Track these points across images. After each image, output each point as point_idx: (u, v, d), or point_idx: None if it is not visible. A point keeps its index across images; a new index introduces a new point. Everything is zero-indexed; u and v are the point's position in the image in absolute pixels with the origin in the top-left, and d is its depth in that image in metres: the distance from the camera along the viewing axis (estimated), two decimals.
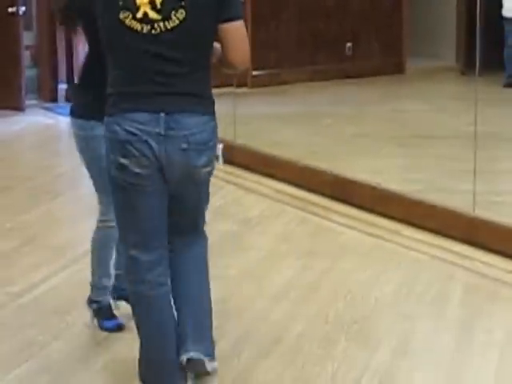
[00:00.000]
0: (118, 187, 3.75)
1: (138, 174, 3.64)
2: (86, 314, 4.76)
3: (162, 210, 3.77)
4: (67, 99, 10.85)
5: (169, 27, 3.56)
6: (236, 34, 3.65)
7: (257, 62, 10.91)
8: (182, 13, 3.55)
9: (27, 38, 11.08)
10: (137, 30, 3.57)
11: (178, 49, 3.62)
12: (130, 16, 3.56)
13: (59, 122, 10.18)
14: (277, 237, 6.21)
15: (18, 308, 4.97)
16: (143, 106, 3.62)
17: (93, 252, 4.70)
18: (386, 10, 11.92)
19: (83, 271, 5.20)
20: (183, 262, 3.96)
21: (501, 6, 10.89)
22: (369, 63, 11.75)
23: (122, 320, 4.64)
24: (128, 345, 4.40)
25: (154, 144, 3.59)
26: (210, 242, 5.85)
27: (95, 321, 4.70)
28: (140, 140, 3.59)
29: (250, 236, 6.24)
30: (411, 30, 12.11)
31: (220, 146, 7.90)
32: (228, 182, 7.51)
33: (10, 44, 10.51)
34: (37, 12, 11.28)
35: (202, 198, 3.91)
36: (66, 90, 10.96)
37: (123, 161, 3.62)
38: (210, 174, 3.79)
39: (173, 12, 3.55)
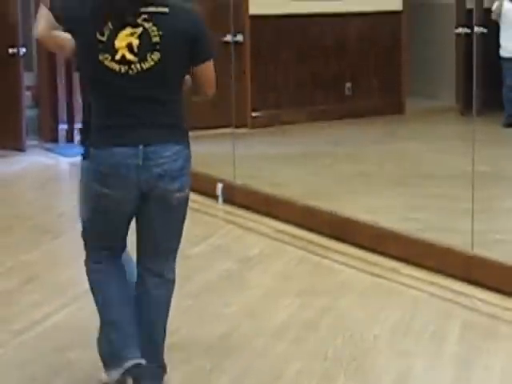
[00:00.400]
0: (91, 207, 4.20)
1: (116, 199, 4.06)
2: (87, 352, 4.76)
3: (128, 223, 4.25)
4: (68, 140, 10.94)
5: (144, 68, 3.96)
6: (209, 72, 4.13)
7: (256, 102, 11.07)
8: (156, 55, 3.96)
9: (28, 79, 11.11)
10: (115, 70, 3.94)
11: (153, 87, 4.01)
12: (109, 58, 3.94)
13: (60, 163, 10.20)
14: (276, 275, 6.22)
15: (19, 345, 5.00)
16: (123, 140, 4.02)
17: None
18: (385, 51, 11.94)
19: (84, 310, 5.30)
20: (149, 300, 4.30)
21: (499, 46, 10.98)
22: (368, 103, 11.75)
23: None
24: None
25: (133, 174, 3.99)
26: (209, 280, 6.00)
27: None
28: (121, 173, 4.01)
29: (249, 274, 6.26)
30: (410, 70, 12.13)
31: (220, 186, 7.98)
32: (228, 221, 7.52)
33: (10, 84, 10.49)
34: (37, 53, 11.28)
35: (173, 228, 4.26)
36: (67, 132, 11.01)
37: (105, 190, 4.03)
38: (183, 200, 4.17)
39: (148, 54, 3.95)
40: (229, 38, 9.08)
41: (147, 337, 4.26)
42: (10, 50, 10.31)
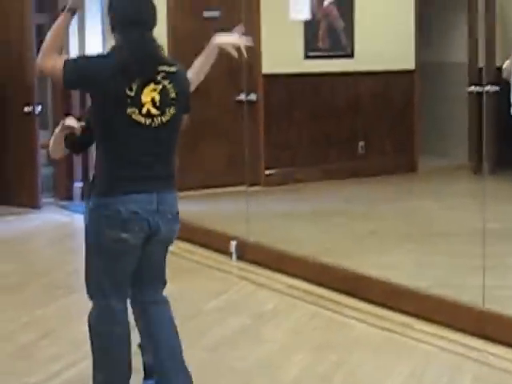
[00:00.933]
0: (106, 256, 4.41)
1: (132, 244, 4.38)
2: None
3: (132, 270, 4.52)
4: (83, 197, 11.07)
5: (164, 121, 4.34)
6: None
7: (270, 161, 11.05)
8: (173, 109, 4.37)
9: (43, 137, 10.90)
10: (141, 123, 4.28)
11: (165, 139, 4.44)
12: (137, 111, 4.26)
13: (74, 220, 10.18)
14: (289, 330, 6.23)
15: None
16: (141, 188, 4.33)
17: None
18: (397, 109, 11.95)
19: None
20: (163, 319, 4.67)
21: (510, 105, 11.03)
22: (381, 162, 11.74)
23: None
24: None
25: (150, 219, 4.36)
26: (224, 334, 6.07)
27: None
28: (141, 217, 4.34)
29: (263, 329, 6.25)
30: (423, 128, 12.12)
31: (233, 243, 8.00)
32: (241, 277, 7.53)
33: (26, 143, 10.53)
34: (52, 111, 11.42)
35: (165, 256, 4.69)
36: (82, 188, 11.11)
37: (124, 235, 4.30)
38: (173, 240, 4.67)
39: (167, 108, 4.34)
40: (242, 96, 9.12)
41: (177, 355, 4.64)
42: (26, 109, 10.36)
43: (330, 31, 11.50)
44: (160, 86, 4.33)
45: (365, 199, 10.47)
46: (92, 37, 10.78)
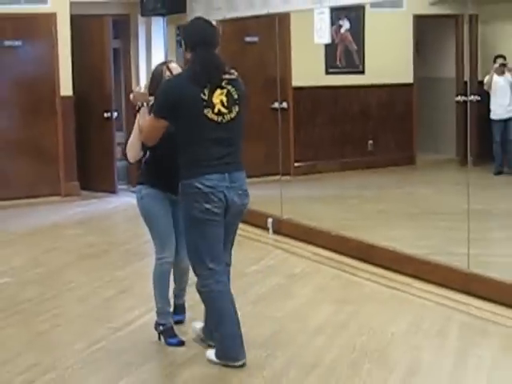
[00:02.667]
0: (198, 224, 4.44)
1: (215, 213, 4.43)
2: None
3: (222, 236, 4.53)
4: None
5: (231, 117, 4.43)
6: None
7: (298, 155, 11.00)
8: (236, 108, 4.45)
9: (119, 137, 11.11)
10: (214, 120, 4.37)
11: (234, 131, 4.48)
12: (210, 111, 4.36)
13: None
14: (315, 288, 6.25)
15: (116, 339, 5.09)
16: (215, 169, 4.39)
17: (154, 285, 4.94)
18: (399, 115, 11.87)
19: None
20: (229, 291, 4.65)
21: (489, 110, 10.99)
22: (386, 156, 11.67)
23: (182, 338, 4.92)
24: (202, 366, 4.56)
25: (225, 192, 4.42)
26: (263, 291, 6.05)
27: (162, 339, 4.92)
28: (218, 191, 4.40)
29: (294, 287, 6.27)
30: (420, 130, 12.05)
31: (270, 220, 8.00)
32: (276, 247, 7.53)
33: (105, 142, 10.58)
34: (125, 116, 11.42)
35: (235, 233, 4.76)
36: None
37: (207, 205, 4.36)
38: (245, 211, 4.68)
39: (233, 107, 4.43)
40: (276, 105, 9.14)
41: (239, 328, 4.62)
42: (105, 115, 10.41)
43: (345, 52, 11.48)
44: (225, 90, 4.44)
45: (374, 186, 10.41)
46: (157, 55, 10.85)
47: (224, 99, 4.43)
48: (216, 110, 4.41)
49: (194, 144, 4.42)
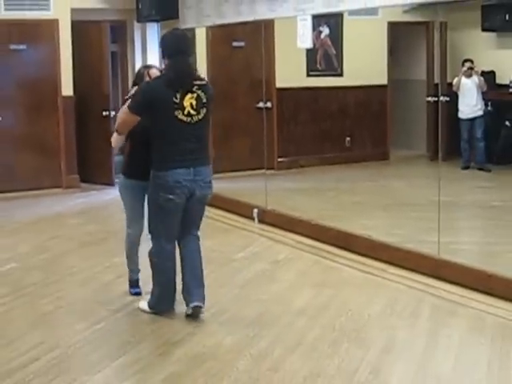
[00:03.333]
0: (160, 210, 4.80)
1: (177, 203, 4.76)
2: (167, 323, 4.95)
3: (179, 219, 4.88)
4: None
5: (199, 118, 4.65)
6: None
7: (281, 151, 10.92)
8: (204, 110, 4.68)
9: None
10: (183, 121, 4.58)
11: (201, 130, 4.73)
12: (181, 113, 4.57)
13: None
14: (297, 273, 6.25)
15: (115, 320, 5.10)
16: (182, 164, 4.69)
17: (125, 251, 5.59)
18: (374, 114, 11.82)
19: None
20: (191, 249, 5.00)
21: (457, 110, 11.00)
22: (362, 152, 11.65)
23: (140, 290, 5.51)
24: (194, 345, 4.57)
25: (188, 185, 4.73)
26: (249, 276, 6.07)
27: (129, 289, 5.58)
28: (182, 185, 4.71)
29: (278, 272, 6.28)
30: (393, 128, 11.98)
31: (255, 210, 7.98)
32: (262, 235, 7.53)
33: (103, 138, 10.26)
34: None
35: (202, 213, 5.06)
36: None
37: (170, 196, 4.65)
38: (208, 199, 4.97)
39: (201, 109, 4.65)
40: (261, 104, 9.11)
41: (199, 280, 4.97)
42: (104, 113, 10.36)
43: (325, 56, 11.43)
44: (195, 95, 4.66)
45: (350, 179, 10.41)
46: (151, 58, 10.83)
47: (194, 102, 4.67)
48: (186, 112, 4.65)
49: (164, 141, 4.67)
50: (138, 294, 5.55)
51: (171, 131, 4.66)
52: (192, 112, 4.67)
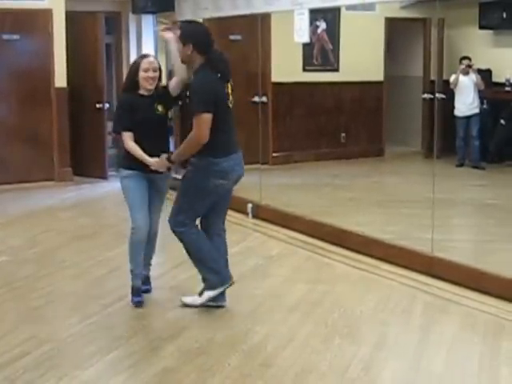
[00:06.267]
0: (204, 194, 4.93)
1: (227, 188, 5.03)
2: (159, 318, 4.98)
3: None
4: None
5: (232, 104, 4.94)
6: None
7: (276, 146, 10.99)
8: (231, 97, 4.92)
9: (109, 126, 10.69)
10: (230, 108, 4.93)
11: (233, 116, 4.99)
12: (229, 101, 4.90)
13: None
14: (291, 268, 6.26)
15: (107, 315, 5.09)
16: (235, 149, 4.96)
17: (129, 250, 5.28)
18: (370, 110, 11.88)
19: (154, 290, 5.48)
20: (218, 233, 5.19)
21: (453, 107, 11.04)
22: (357, 148, 11.71)
23: (143, 298, 5.25)
24: (186, 340, 4.59)
25: (239, 169, 4.99)
26: (243, 271, 6.06)
27: (131, 298, 5.27)
28: (234, 169, 4.93)
29: (271, 268, 6.31)
30: (389, 124, 12.05)
31: (249, 206, 7.99)
32: (255, 230, 7.54)
33: (97, 130, 10.52)
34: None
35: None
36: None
37: (221, 181, 4.89)
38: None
39: (231, 97, 4.87)
40: (257, 99, 9.18)
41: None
42: (97, 105, 10.36)
43: (321, 51, 11.46)
44: (230, 84, 4.92)
45: (345, 175, 10.42)
46: (146, 50, 10.82)
47: (230, 91, 4.91)
48: (230, 100, 4.91)
49: (221, 129, 4.81)
50: (140, 304, 5.23)
51: (227, 119, 4.87)
52: (231, 99, 4.93)
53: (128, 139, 5.05)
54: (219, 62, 4.86)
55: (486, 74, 11.04)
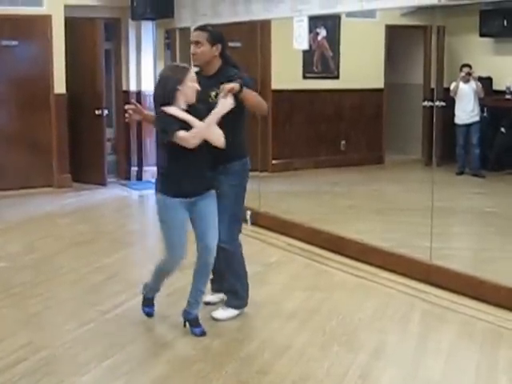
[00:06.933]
0: (242, 194, 4.99)
1: None
2: (156, 325, 4.99)
3: None
4: (138, 178, 10.99)
5: None
6: None
7: (276, 153, 10.97)
8: None
9: (108, 133, 11.15)
10: None
11: None
12: None
13: (131, 195, 10.24)
14: (289, 276, 6.27)
15: (104, 321, 5.09)
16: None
17: (154, 274, 4.96)
18: (370, 117, 11.88)
19: None
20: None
21: (454, 115, 11.06)
22: (357, 156, 11.71)
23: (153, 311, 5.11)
24: (183, 347, 4.60)
25: None
26: None
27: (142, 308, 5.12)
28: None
29: (270, 275, 6.30)
30: (389, 132, 12.06)
31: (248, 213, 7.94)
32: (254, 238, 7.50)
33: (96, 137, 10.54)
34: (115, 114, 11.37)
35: None
36: (137, 172, 11.06)
37: (247, 179, 5.01)
38: None
39: None
40: None
41: None
42: (97, 112, 10.37)
43: (321, 58, 11.48)
44: None
45: (345, 183, 10.43)
46: (146, 57, 10.92)
47: None
48: None
49: (242, 128, 4.90)
50: (151, 315, 5.12)
51: (244, 118, 4.91)
52: None
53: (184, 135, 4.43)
54: (235, 65, 5.00)
55: (486, 82, 11.06)
